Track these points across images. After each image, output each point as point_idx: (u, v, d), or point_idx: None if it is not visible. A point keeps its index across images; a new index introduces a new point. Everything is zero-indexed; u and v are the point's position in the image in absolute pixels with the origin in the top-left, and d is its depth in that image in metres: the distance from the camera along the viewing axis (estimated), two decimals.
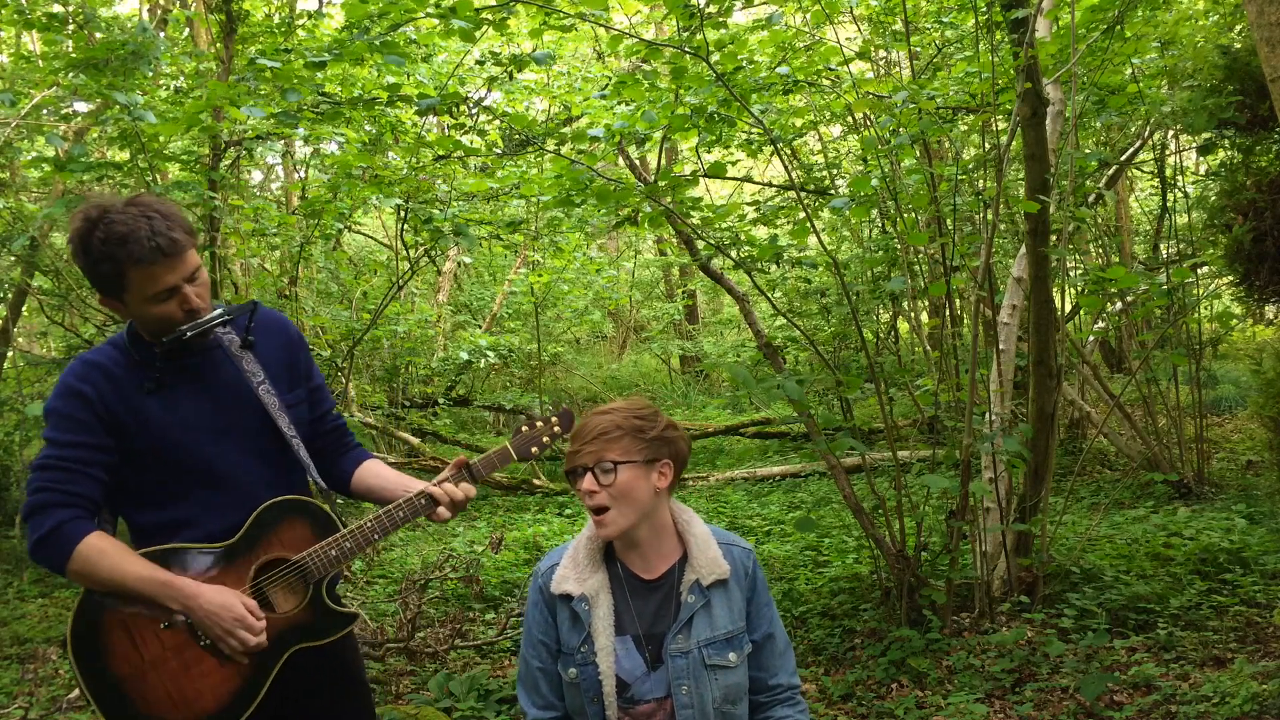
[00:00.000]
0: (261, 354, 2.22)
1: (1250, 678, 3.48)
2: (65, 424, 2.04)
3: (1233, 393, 9.92)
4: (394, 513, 2.20)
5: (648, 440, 2.00)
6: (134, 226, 1.97)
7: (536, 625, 2.07)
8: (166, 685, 2.01)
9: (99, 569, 1.98)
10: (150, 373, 2.09)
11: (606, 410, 2.03)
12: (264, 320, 2.26)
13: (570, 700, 2.04)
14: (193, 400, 2.13)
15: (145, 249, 1.97)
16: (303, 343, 2.35)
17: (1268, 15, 2.86)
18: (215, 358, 2.18)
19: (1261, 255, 4.76)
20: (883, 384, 4.64)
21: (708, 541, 2.07)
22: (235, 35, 6.68)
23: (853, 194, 4.78)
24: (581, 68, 10.34)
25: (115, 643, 2.00)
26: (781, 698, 2.09)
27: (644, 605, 2.03)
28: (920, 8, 7.03)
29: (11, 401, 7.36)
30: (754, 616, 2.08)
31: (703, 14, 4.14)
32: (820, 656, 4.31)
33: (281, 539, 2.14)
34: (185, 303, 2.05)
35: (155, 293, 2.02)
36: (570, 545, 2.11)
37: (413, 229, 6.31)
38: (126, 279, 2.00)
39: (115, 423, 2.05)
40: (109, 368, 2.08)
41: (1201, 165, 9.01)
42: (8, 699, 4.41)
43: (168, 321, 2.06)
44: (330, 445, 2.38)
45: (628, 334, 19.49)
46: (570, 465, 2.00)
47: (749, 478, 8.72)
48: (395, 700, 4.02)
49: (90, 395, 2.05)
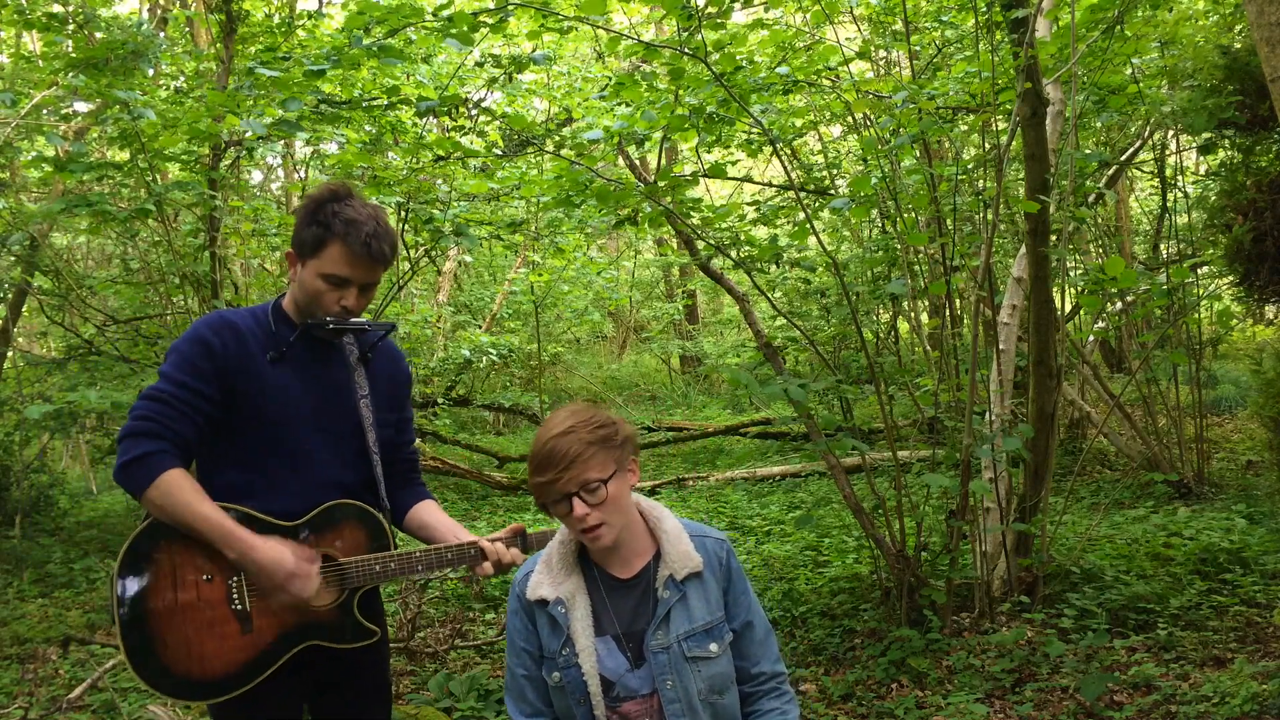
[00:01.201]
0: (373, 373, 2.35)
1: (1250, 678, 3.48)
2: (184, 365, 2.14)
3: (1233, 393, 9.92)
4: (443, 553, 2.28)
5: (617, 447, 2.00)
6: (364, 220, 2.17)
7: (518, 633, 2.08)
8: (188, 634, 2.08)
9: (175, 501, 2.06)
10: (279, 345, 2.22)
11: (564, 430, 1.95)
12: (386, 346, 2.42)
13: (558, 705, 2.05)
14: (304, 386, 2.24)
15: (359, 239, 2.15)
16: (410, 379, 2.51)
17: (1268, 15, 2.86)
18: (335, 359, 2.31)
19: (1261, 255, 4.75)
20: (883, 384, 4.64)
21: (679, 536, 2.08)
22: (235, 35, 6.68)
23: (853, 194, 4.78)
24: (581, 68, 10.34)
25: (159, 577, 2.09)
26: (766, 688, 2.10)
27: (621, 604, 2.04)
28: (920, 8, 7.02)
29: (11, 401, 7.36)
30: (731, 605, 2.09)
31: (701, 15, 4.14)
32: (820, 656, 4.31)
33: (338, 538, 2.23)
34: (345, 299, 2.21)
35: (332, 274, 2.18)
36: (544, 551, 2.12)
37: (413, 229, 6.31)
38: (325, 249, 2.17)
39: (229, 380, 2.16)
40: (241, 329, 2.20)
41: (1201, 165, 9.01)
42: (8, 699, 4.41)
43: (322, 305, 2.20)
44: (400, 473, 2.46)
45: (628, 334, 19.49)
46: (551, 496, 1.96)
47: (749, 478, 8.72)
48: (396, 700, 4.02)
49: (216, 346, 2.16)
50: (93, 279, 8.22)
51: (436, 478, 9.03)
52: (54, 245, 8.96)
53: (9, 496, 7.61)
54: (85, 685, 4.21)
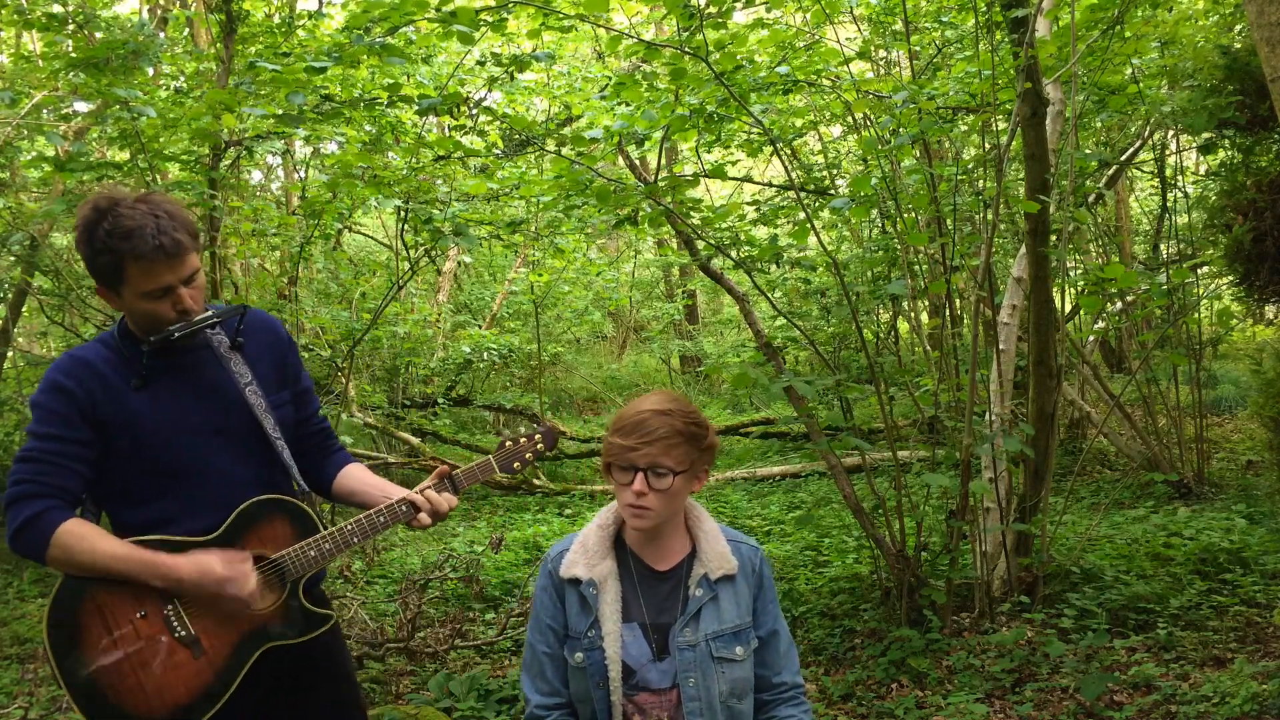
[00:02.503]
0: (250, 355, 2.24)
1: (1250, 678, 3.48)
2: (48, 418, 2.05)
3: (1233, 393, 9.92)
4: (374, 518, 2.22)
5: (701, 450, 2.01)
6: (140, 223, 1.99)
7: (544, 610, 2.08)
8: (139, 675, 2.02)
9: (78, 552, 1.99)
10: (138, 369, 2.11)
11: (662, 409, 1.97)
12: (254, 322, 2.28)
13: (575, 686, 2.05)
14: (179, 399, 2.14)
15: (148, 246, 1.99)
16: (292, 345, 2.37)
17: (1268, 15, 2.86)
18: (204, 358, 2.19)
19: (1261, 255, 4.75)
20: (883, 384, 4.64)
21: (717, 537, 2.10)
22: (235, 35, 6.68)
23: (853, 194, 4.78)
24: (581, 68, 10.34)
25: (91, 630, 2.01)
26: (785, 696, 2.11)
27: (651, 595, 2.05)
28: (920, 8, 7.02)
29: (11, 401, 7.36)
30: (760, 613, 2.10)
31: (702, 14, 4.14)
32: (820, 656, 4.31)
33: (262, 536, 2.16)
34: (179, 303, 2.07)
35: (150, 290, 2.04)
36: (581, 532, 2.12)
37: (413, 229, 6.31)
38: (125, 273, 2.02)
39: (99, 419, 2.06)
40: (96, 364, 2.10)
41: (1201, 165, 9.01)
42: (8, 699, 4.41)
43: (159, 319, 2.08)
44: (314, 448, 2.39)
45: (628, 334, 19.49)
46: (620, 461, 1.97)
47: (749, 478, 8.72)
48: (395, 700, 4.02)
49: (75, 390, 2.06)
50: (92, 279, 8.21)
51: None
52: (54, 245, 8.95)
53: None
54: None
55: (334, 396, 7.47)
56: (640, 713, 2.00)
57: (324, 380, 7.82)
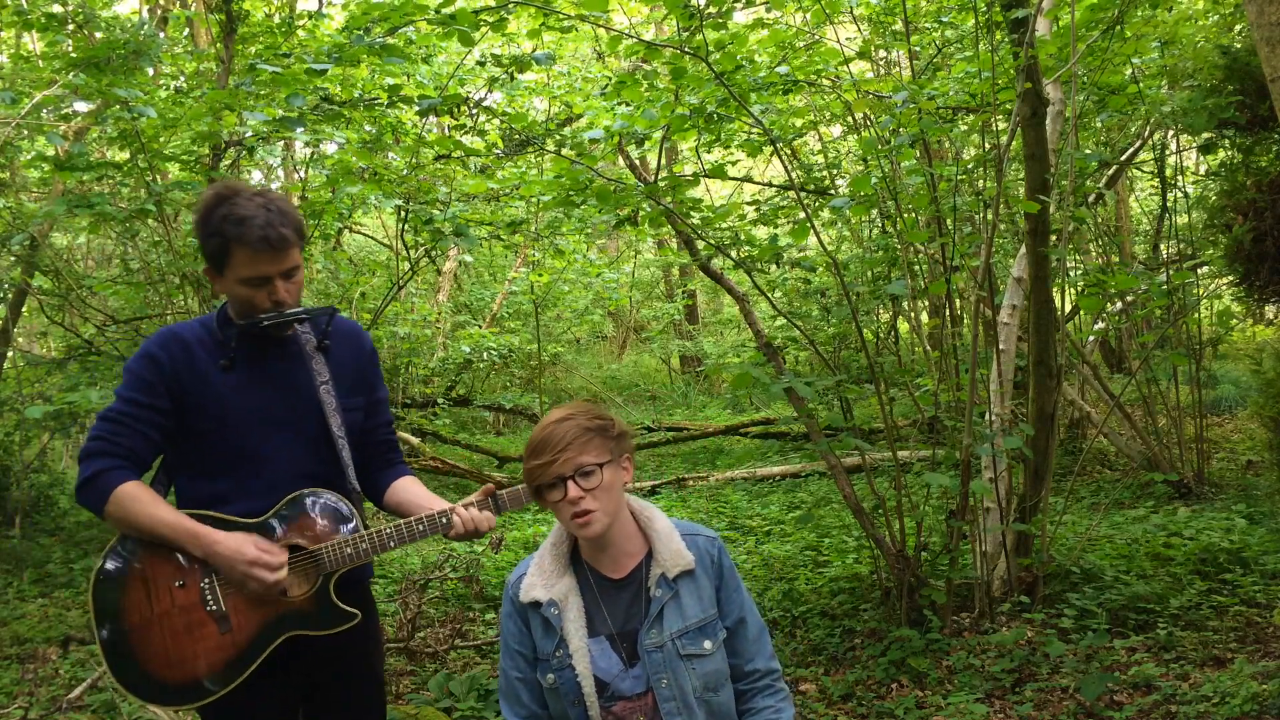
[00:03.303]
0: (334, 359, 2.35)
1: (1250, 678, 3.48)
2: (133, 382, 2.19)
3: (1233, 393, 9.92)
4: (413, 525, 2.28)
5: (613, 438, 2.03)
6: (253, 213, 2.13)
7: (511, 636, 2.09)
8: (167, 642, 2.13)
9: (132, 511, 2.12)
10: (228, 352, 2.23)
11: (562, 417, 2.00)
12: (341, 328, 2.41)
13: (553, 706, 2.05)
14: (259, 386, 2.25)
15: (254, 235, 2.12)
16: (374, 356, 2.49)
17: (1268, 15, 2.86)
18: (289, 352, 2.31)
19: (1261, 255, 4.75)
20: (883, 384, 4.64)
21: (670, 534, 2.09)
22: (235, 35, 6.68)
23: (853, 194, 4.78)
24: (582, 68, 10.34)
25: (132, 592, 2.15)
26: (760, 685, 2.10)
27: (614, 604, 2.05)
28: (920, 8, 7.02)
29: (11, 401, 7.36)
30: (724, 603, 2.10)
31: (702, 14, 4.14)
32: (820, 656, 4.31)
33: (305, 527, 2.23)
34: (274, 293, 2.19)
35: (250, 277, 2.17)
36: (535, 554, 2.13)
37: (413, 229, 6.31)
38: (230, 257, 2.15)
39: (181, 391, 2.19)
40: (189, 341, 2.23)
41: (1201, 165, 9.01)
42: (8, 699, 4.41)
43: (253, 306, 2.20)
44: (375, 456, 2.47)
45: (628, 334, 19.50)
46: (545, 479, 1.98)
47: (749, 478, 8.72)
48: (395, 700, 4.02)
49: (163, 360, 2.19)
50: (93, 279, 8.21)
51: (436, 478, 9.02)
52: (54, 245, 8.96)
53: (9, 496, 7.61)
54: (85, 685, 4.21)
55: None
56: None
57: None
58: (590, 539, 2.03)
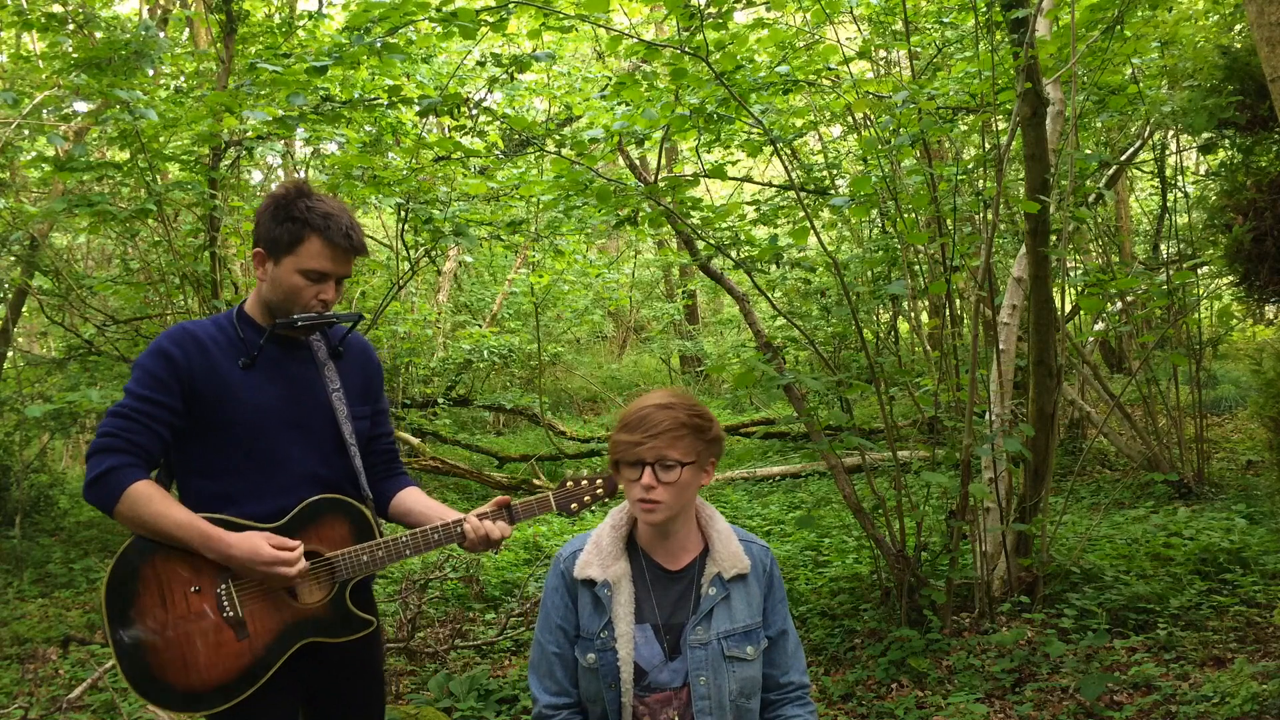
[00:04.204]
0: (344, 368, 2.35)
1: (1250, 678, 3.48)
2: (145, 379, 2.15)
3: (1233, 393, 9.92)
4: (429, 534, 2.28)
5: (706, 441, 2.03)
6: (338, 212, 2.19)
7: (556, 610, 2.08)
8: (183, 648, 2.09)
9: (145, 512, 2.08)
10: (250, 350, 2.22)
11: (665, 404, 2.00)
12: (352, 341, 2.42)
13: (585, 687, 2.05)
14: (275, 387, 2.23)
15: (339, 232, 2.17)
16: (379, 369, 2.50)
17: (1268, 15, 2.86)
18: (305, 357, 2.30)
19: (1261, 255, 4.75)
20: (883, 384, 4.64)
21: (729, 537, 2.10)
22: (235, 35, 6.68)
23: (853, 194, 4.78)
24: (582, 68, 10.34)
25: (146, 597, 2.10)
26: (792, 696, 2.12)
27: (664, 595, 2.06)
28: (920, 8, 7.02)
29: (11, 401, 7.36)
30: (770, 613, 2.11)
31: (703, 14, 4.14)
32: (820, 656, 4.31)
33: (321, 534, 2.22)
34: (324, 293, 2.21)
35: (311, 269, 2.18)
36: (593, 533, 2.13)
37: (413, 229, 6.31)
38: (302, 244, 2.16)
39: (194, 389, 2.16)
40: (204, 339, 2.20)
41: (1201, 165, 9.01)
42: (8, 699, 4.41)
43: (298, 300, 2.20)
44: (379, 465, 2.47)
45: (628, 334, 19.49)
46: (627, 456, 1.98)
47: (749, 478, 8.72)
48: (395, 700, 4.02)
49: (177, 358, 2.16)
50: (93, 279, 8.22)
51: (436, 478, 9.03)
52: (54, 245, 8.96)
53: (9, 496, 7.61)
54: (85, 685, 4.21)
55: None
56: (650, 713, 2.00)
57: None
58: (651, 525, 2.04)
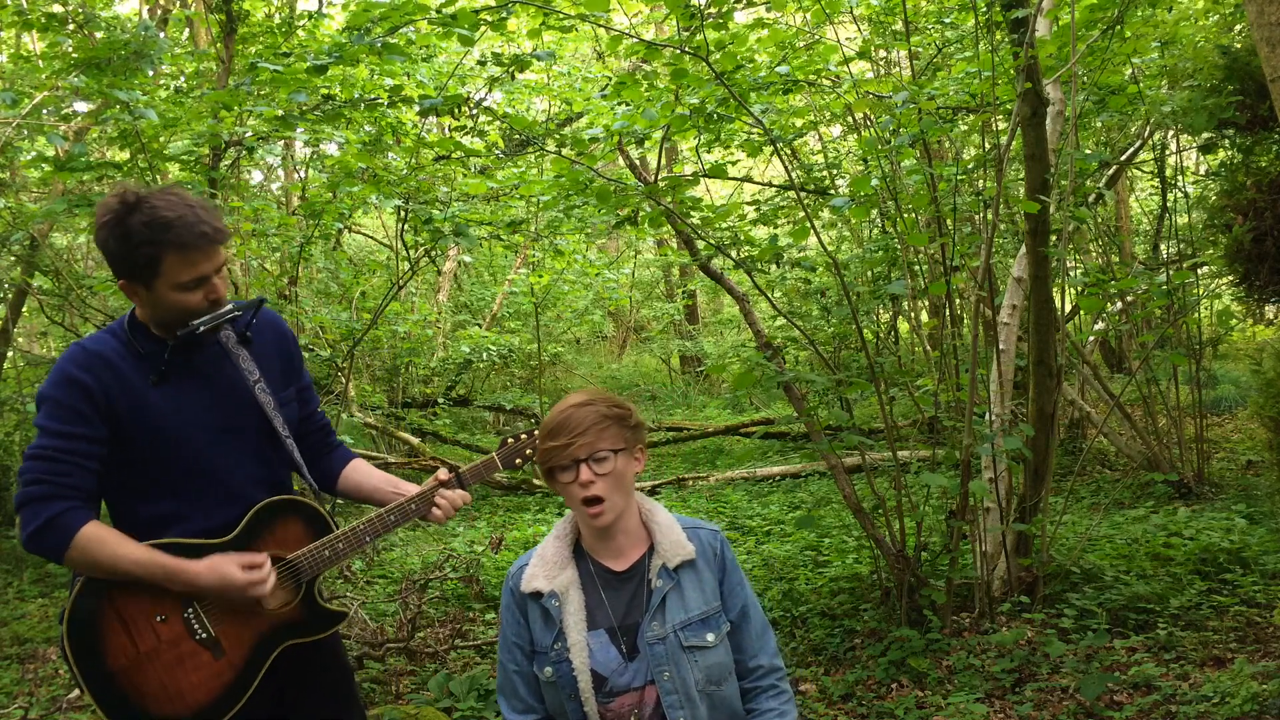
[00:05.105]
0: (257, 352, 2.23)
1: (1250, 678, 3.48)
2: (62, 413, 2.01)
3: (1233, 393, 9.92)
4: (386, 517, 2.25)
5: (630, 428, 2.06)
6: (180, 213, 1.97)
7: (509, 628, 2.09)
8: (161, 677, 2.03)
9: (99, 555, 1.98)
10: (156, 365, 2.08)
11: (582, 402, 2.03)
12: (260, 318, 2.28)
13: (550, 700, 2.05)
14: (194, 395, 2.13)
15: (192, 235, 1.97)
16: (294, 340, 2.37)
17: (1268, 15, 2.86)
18: (215, 354, 2.18)
19: (1261, 255, 4.75)
20: (883, 384, 4.64)
21: (671, 526, 2.10)
22: (235, 35, 6.68)
23: (853, 194, 4.78)
24: (582, 68, 10.34)
25: (111, 635, 2.02)
26: (765, 684, 2.10)
27: (616, 597, 2.05)
28: (920, 8, 7.02)
29: (11, 401, 7.36)
30: (727, 596, 2.10)
31: (703, 14, 4.14)
32: (820, 656, 4.31)
33: (276, 537, 2.17)
34: (211, 293, 2.05)
35: (187, 280, 2.01)
36: (539, 546, 2.13)
37: (413, 229, 6.31)
38: (163, 264, 1.99)
39: (113, 414, 2.03)
40: (111, 358, 2.06)
41: (1201, 165, 9.01)
42: (8, 699, 4.41)
43: (189, 311, 2.05)
44: (316, 444, 2.41)
45: (628, 334, 19.50)
46: (559, 461, 1.99)
47: (749, 478, 8.71)
48: (395, 700, 4.02)
49: (90, 385, 2.02)
50: (93, 279, 8.21)
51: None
52: (54, 245, 8.96)
53: (9, 496, 7.61)
54: None
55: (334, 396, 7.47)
56: (616, 718, 1.99)
57: (324, 380, 7.83)
58: (600, 529, 2.04)
